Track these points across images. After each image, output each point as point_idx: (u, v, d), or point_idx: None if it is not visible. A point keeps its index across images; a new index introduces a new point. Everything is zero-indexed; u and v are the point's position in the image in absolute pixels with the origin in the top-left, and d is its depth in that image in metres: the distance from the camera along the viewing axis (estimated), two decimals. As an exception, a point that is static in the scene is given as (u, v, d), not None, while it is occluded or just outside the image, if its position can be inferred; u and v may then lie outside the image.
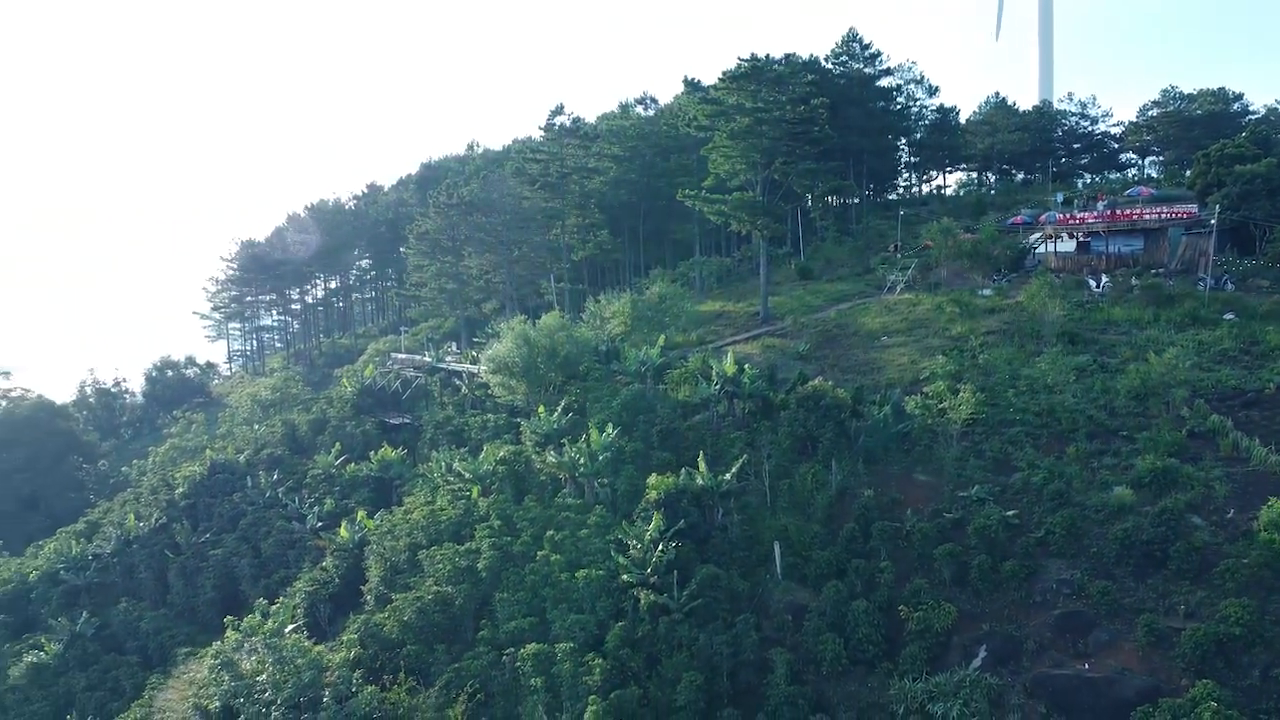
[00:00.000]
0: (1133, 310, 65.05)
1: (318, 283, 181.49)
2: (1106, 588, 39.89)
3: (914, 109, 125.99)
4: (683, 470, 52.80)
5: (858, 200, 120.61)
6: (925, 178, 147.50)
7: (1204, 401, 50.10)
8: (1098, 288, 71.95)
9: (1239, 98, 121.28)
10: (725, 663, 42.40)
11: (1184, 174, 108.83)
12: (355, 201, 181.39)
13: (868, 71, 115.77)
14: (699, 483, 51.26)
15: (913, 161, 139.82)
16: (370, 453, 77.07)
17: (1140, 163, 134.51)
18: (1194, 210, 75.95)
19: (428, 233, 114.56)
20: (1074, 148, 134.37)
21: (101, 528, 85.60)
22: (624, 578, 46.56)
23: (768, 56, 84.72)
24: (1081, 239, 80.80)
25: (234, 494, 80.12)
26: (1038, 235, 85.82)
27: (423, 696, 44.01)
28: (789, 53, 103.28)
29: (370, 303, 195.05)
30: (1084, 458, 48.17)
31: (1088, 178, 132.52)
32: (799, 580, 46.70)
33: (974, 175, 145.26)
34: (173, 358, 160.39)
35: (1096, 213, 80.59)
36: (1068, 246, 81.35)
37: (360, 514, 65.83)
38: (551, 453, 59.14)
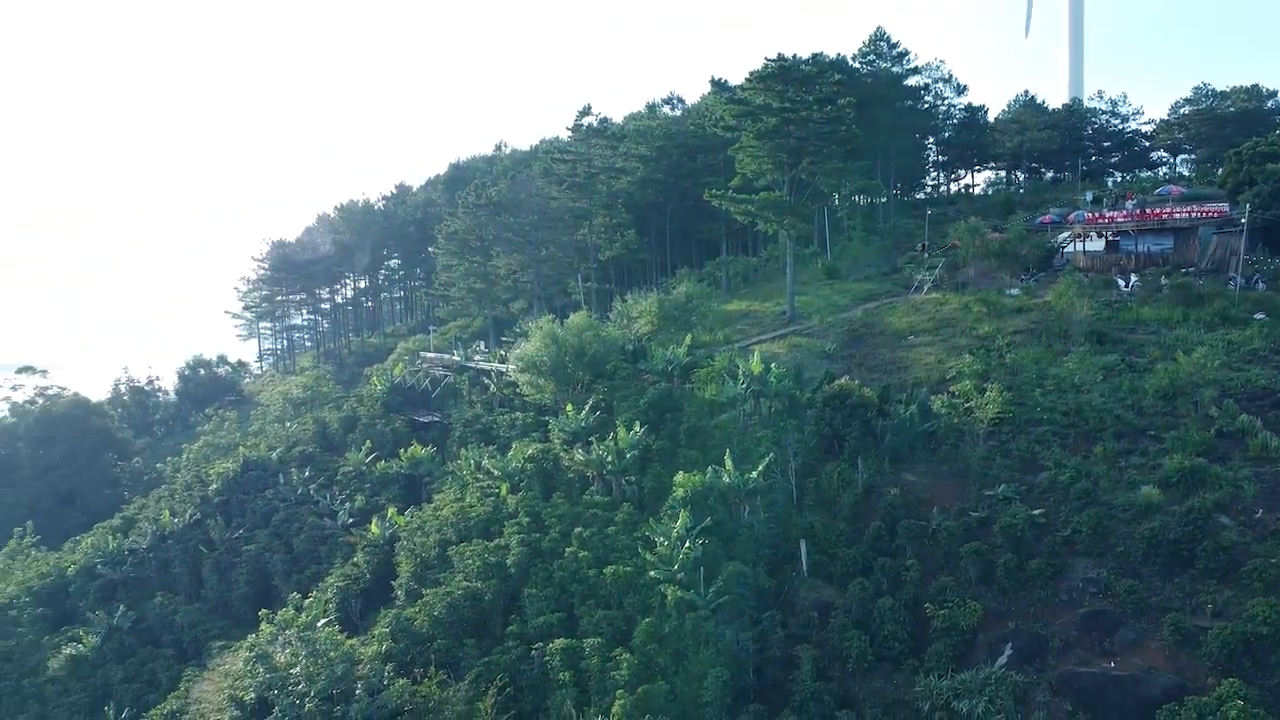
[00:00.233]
0: (1162, 310, 64.74)
1: (347, 282, 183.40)
2: (1133, 586, 39.90)
3: (942, 108, 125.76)
4: (709, 468, 53.17)
5: (885, 199, 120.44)
6: (953, 177, 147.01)
7: (1233, 401, 49.87)
8: (1126, 287, 71.64)
9: (1273, 95, 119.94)
10: (751, 659, 42.77)
11: (1216, 172, 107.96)
12: (384, 202, 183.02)
13: (895, 71, 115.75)
14: (725, 481, 51.63)
15: (941, 160, 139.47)
16: (400, 450, 77.99)
17: (1172, 161, 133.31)
18: (1225, 209, 75.41)
19: (456, 233, 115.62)
20: (1104, 146, 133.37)
21: (137, 523, 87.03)
22: (651, 574, 47.02)
23: (795, 56, 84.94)
24: (1110, 238, 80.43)
25: (266, 491, 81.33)
26: (1066, 234, 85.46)
27: (453, 690, 44.64)
28: (816, 52, 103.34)
29: (399, 302, 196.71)
30: (1111, 457, 48.09)
31: (1118, 176, 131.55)
32: (825, 578, 47.00)
33: (1003, 174, 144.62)
34: (205, 356, 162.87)
35: (1125, 212, 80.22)
36: (1096, 246, 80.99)
37: (390, 511, 66.70)
38: (579, 451, 59.77)
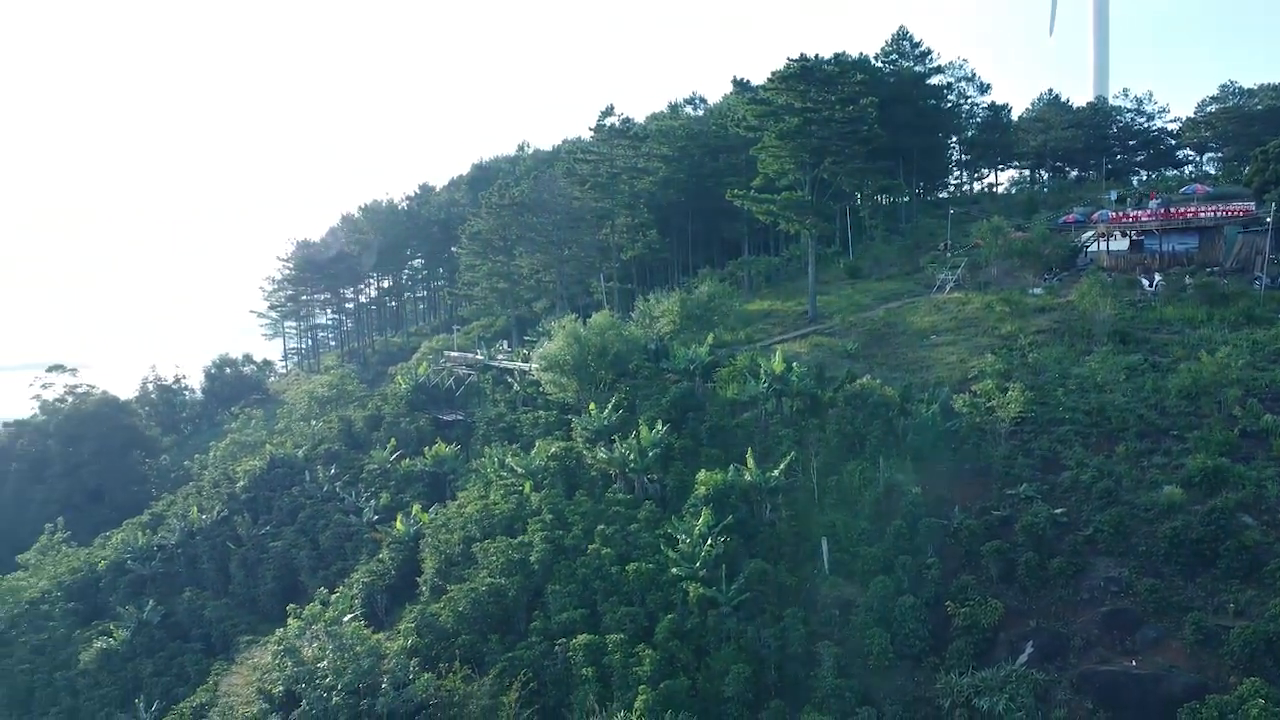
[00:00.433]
0: (1186, 309, 64.46)
1: (371, 282, 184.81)
2: (1155, 586, 39.95)
3: (965, 107, 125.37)
4: (731, 467, 53.59)
5: (907, 199, 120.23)
6: (976, 176, 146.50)
7: (1257, 401, 49.64)
8: (1150, 287, 71.35)
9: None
10: (773, 655, 43.09)
11: (1242, 171, 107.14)
12: (408, 202, 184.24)
13: (918, 70, 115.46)
14: (747, 479, 51.98)
15: (964, 159, 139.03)
16: (424, 448, 78.69)
17: (1198, 159, 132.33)
18: (1251, 208, 74.89)
19: (480, 233, 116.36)
20: (1129, 144, 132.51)
21: (166, 519, 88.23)
22: (673, 571, 47.45)
23: (817, 57, 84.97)
24: (1135, 237, 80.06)
25: (293, 488, 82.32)
26: (1090, 234, 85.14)
27: (477, 684, 45.18)
28: (839, 52, 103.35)
29: (422, 301, 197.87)
30: (1134, 456, 48.07)
31: (1143, 175, 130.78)
32: (846, 576, 47.22)
33: (1026, 173, 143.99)
34: (231, 355, 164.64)
35: (1150, 211, 79.83)
36: (1121, 245, 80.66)
37: (415, 508, 67.37)
38: (602, 449, 60.22)
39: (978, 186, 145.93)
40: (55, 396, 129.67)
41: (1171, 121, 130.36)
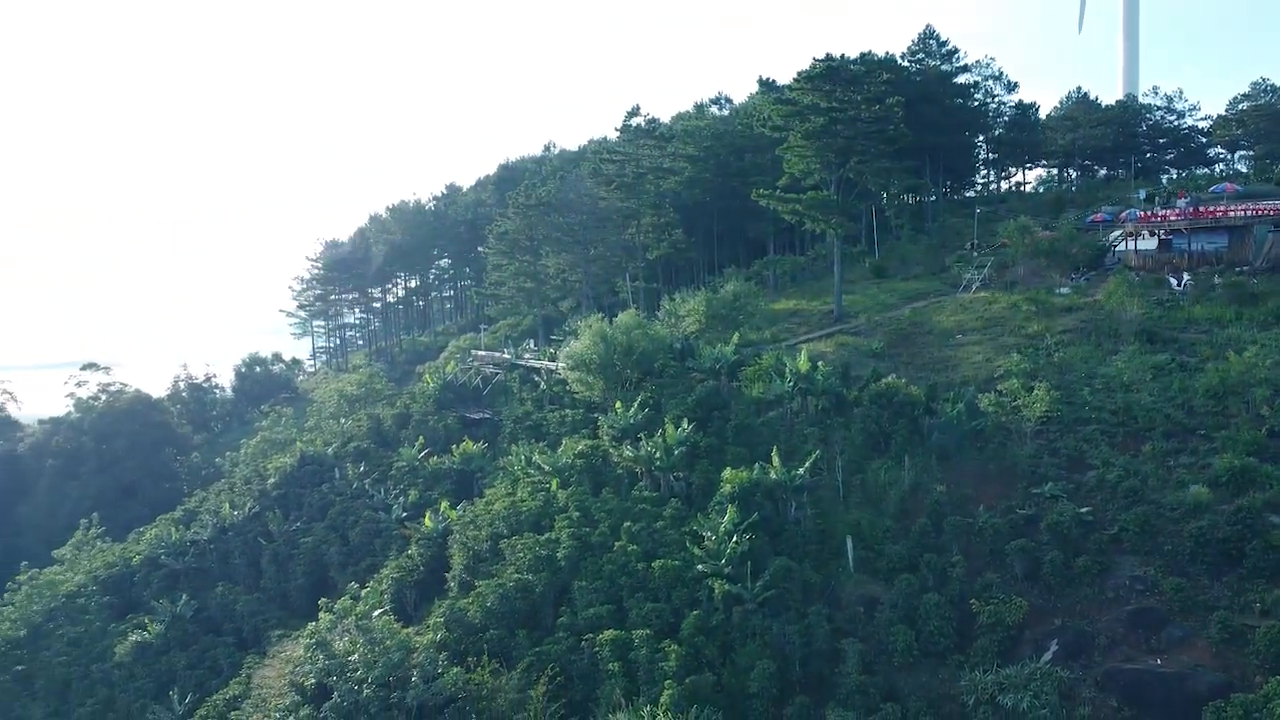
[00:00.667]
0: (1214, 309, 64.18)
1: (398, 281, 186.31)
2: (1180, 585, 40.04)
3: (992, 105, 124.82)
4: (756, 465, 53.92)
5: (934, 198, 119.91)
6: (1004, 174, 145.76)
7: (1286, 401, 49.54)
8: (1179, 286, 71.02)
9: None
10: (797, 652, 43.44)
11: (1275, 169, 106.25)
12: (435, 202, 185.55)
13: (945, 69, 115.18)
14: (773, 477, 52.31)
15: (991, 158, 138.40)
16: (452, 446, 79.48)
17: (1229, 158, 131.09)
18: (1281, 207, 74.42)
19: (507, 233, 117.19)
20: (1159, 143, 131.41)
21: (198, 516, 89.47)
22: (699, 568, 47.88)
23: (843, 56, 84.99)
24: (1163, 236, 79.62)
25: (323, 485, 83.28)
26: (1118, 233, 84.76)
27: (505, 678, 45.81)
28: (864, 52, 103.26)
29: (449, 301, 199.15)
30: (1160, 456, 48.10)
31: (1173, 173, 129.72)
32: (870, 573, 47.53)
33: (1054, 172, 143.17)
34: (260, 354, 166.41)
35: (1179, 210, 79.40)
36: (1149, 244, 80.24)
37: (443, 505, 68.07)
38: (628, 447, 60.68)
39: (1005, 185, 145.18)
40: (89, 394, 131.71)
41: (1202, 119, 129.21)
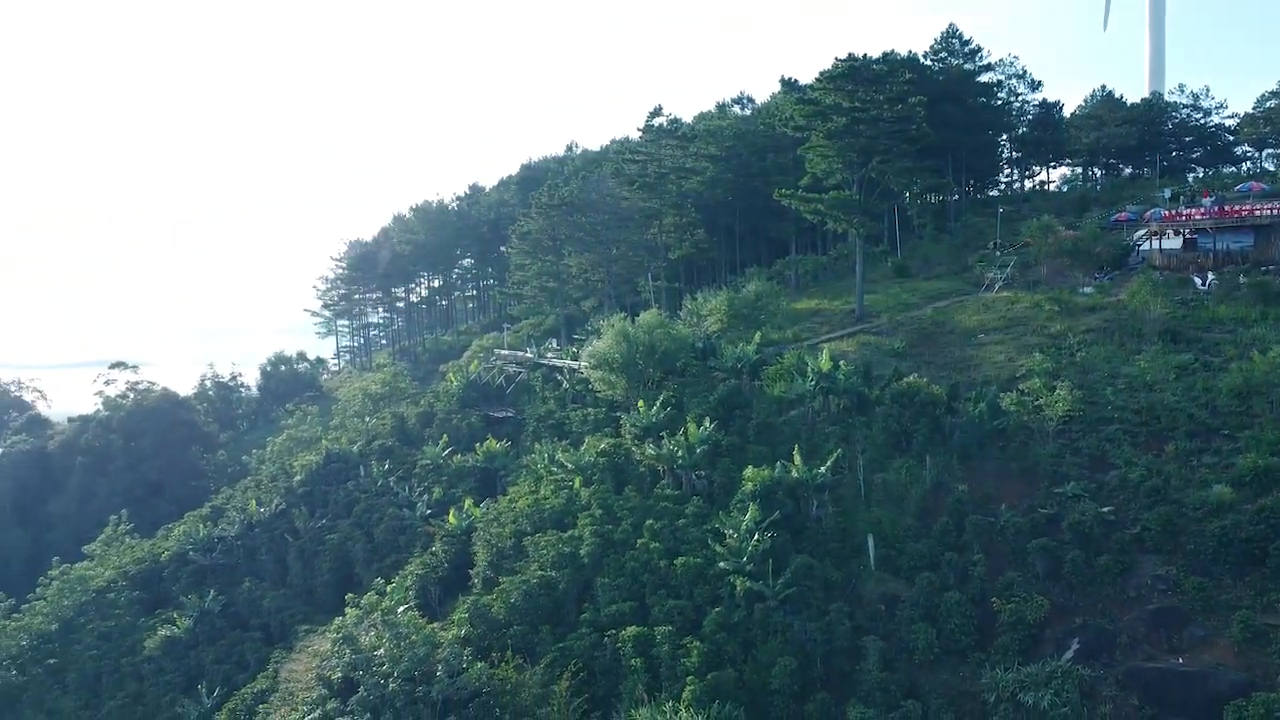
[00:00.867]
0: (1239, 308, 63.78)
1: (422, 281, 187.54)
2: (1203, 584, 40.02)
3: (1015, 104, 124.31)
4: (778, 463, 54.17)
5: (956, 197, 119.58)
6: (1027, 173, 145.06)
7: (1311, 400, 49.32)
8: (1203, 285, 70.65)
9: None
10: (818, 649, 43.73)
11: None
12: (458, 202, 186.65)
13: (967, 68, 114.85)
14: (794, 475, 52.57)
15: (1014, 157, 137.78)
16: (476, 444, 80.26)
17: (1256, 156, 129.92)
18: (1309, 205, 73.87)
19: (530, 233, 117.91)
20: (1185, 141, 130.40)
21: (225, 512, 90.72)
22: (720, 565, 48.23)
23: (865, 56, 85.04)
24: (1188, 236, 79.24)
25: (348, 482, 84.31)
26: (1142, 232, 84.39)
27: (529, 674, 46.37)
28: (887, 51, 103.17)
29: (472, 300, 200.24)
30: (1183, 456, 47.96)
31: (1199, 172, 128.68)
32: (892, 571, 47.73)
33: (1078, 170, 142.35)
34: (285, 353, 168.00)
35: (1204, 209, 78.99)
36: (1174, 244, 79.84)
37: (467, 502, 68.82)
38: (650, 445, 61.11)
39: (1029, 184, 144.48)
40: (117, 393, 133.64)
41: (1229, 117, 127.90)
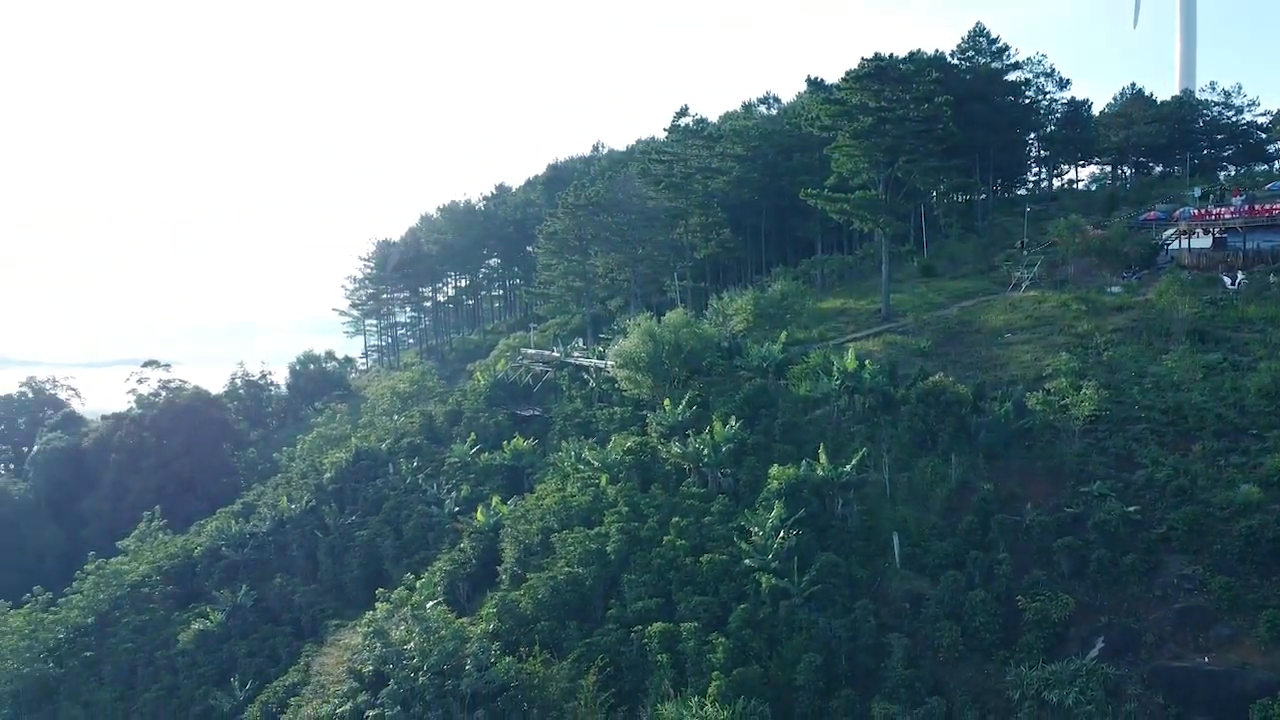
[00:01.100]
0: (1268, 308, 63.37)
1: (449, 281, 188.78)
2: (1229, 583, 40.06)
3: (1043, 103, 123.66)
4: (803, 462, 54.49)
5: (983, 196, 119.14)
6: (1056, 172, 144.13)
7: (1340, 400, 49.11)
8: (1232, 285, 70.20)
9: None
10: (843, 646, 44.08)
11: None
12: (485, 202, 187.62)
13: (995, 66, 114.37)
14: (819, 474, 52.89)
15: (1042, 156, 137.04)
16: (503, 443, 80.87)
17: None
18: (1340, 204, 73.30)
19: (556, 233, 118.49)
20: (1216, 139, 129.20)
21: (257, 509, 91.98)
22: (746, 562, 48.65)
23: (891, 56, 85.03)
24: (1218, 235, 78.74)
25: (377, 480, 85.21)
26: (1171, 231, 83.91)
27: (556, 668, 47.01)
28: (914, 50, 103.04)
29: (498, 300, 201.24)
30: (1211, 455, 47.92)
31: (1231, 170, 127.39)
32: (917, 570, 47.97)
33: (1108, 169, 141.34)
34: (314, 352, 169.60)
35: (1234, 208, 78.49)
36: (1203, 243, 79.36)
37: (495, 500, 69.52)
38: (676, 444, 61.57)
39: (1057, 183, 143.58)
40: (150, 391, 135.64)
41: (1261, 115, 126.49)
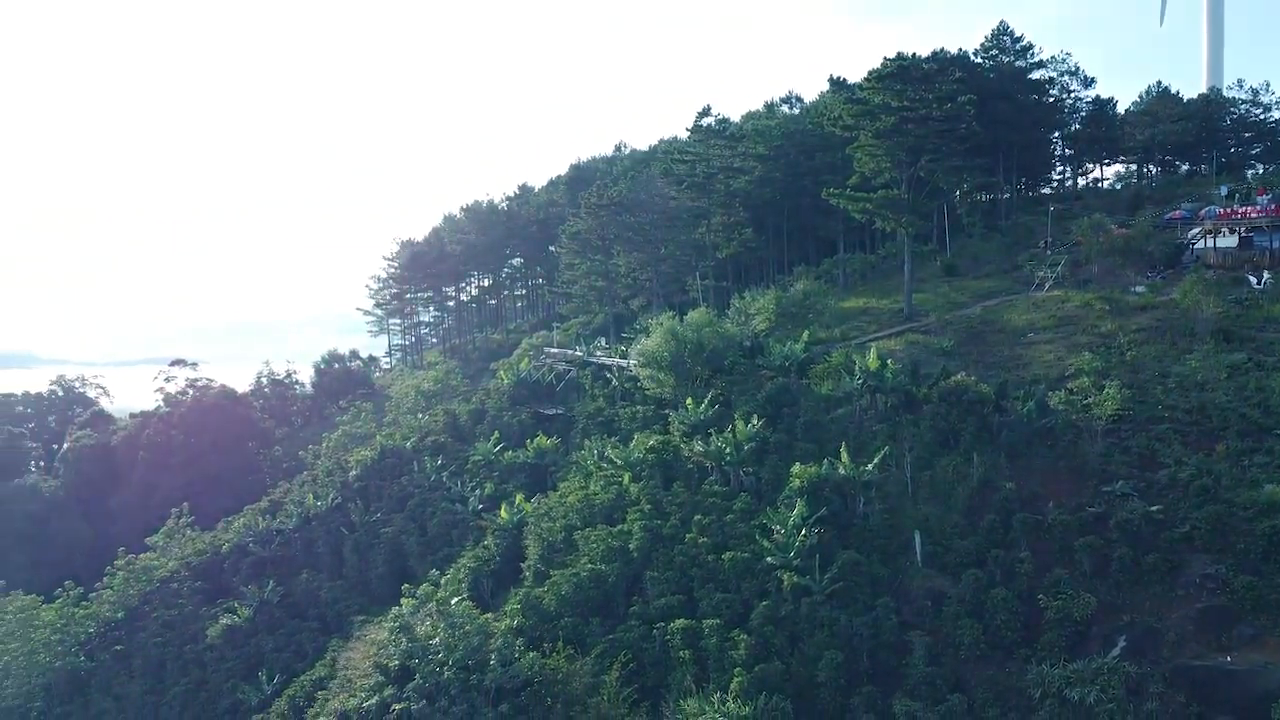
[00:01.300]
0: (1294, 307, 63.18)
1: (472, 280, 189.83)
2: (1252, 583, 40.03)
3: (1068, 101, 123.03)
4: (825, 460, 54.73)
5: (1007, 195, 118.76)
6: (1080, 171, 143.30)
7: (1367, 400, 48.87)
8: (1259, 284, 69.82)
9: None
10: (865, 643, 44.36)
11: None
12: (508, 202, 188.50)
13: (1019, 65, 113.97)
14: (841, 472, 53.13)
15: (1067, 154, 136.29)
16: (526, 441, 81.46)
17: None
18: (1369, 202, 72.68)
19: (579, 232, 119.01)
20: (1244, 137, 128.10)
21: (283, 506, 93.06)
22: (768, 560, 48.99)
23: (914, 55, 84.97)
24: (1244, 234, 78.28)
25: (402, 477, 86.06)
26: (1196, 230, 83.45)
27: (579, 664, 47.54)
28: (937, 49, 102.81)
29: (521, 300, 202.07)
30: (1234, 455, 47.83)
31: (1259, 168, 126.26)
32: (938, 568, 48.16)
33: (1133, 168, 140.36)
34: (339, 351, 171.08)
35: (1259, 207, 77.99)
36: (1229, 242, 78.92)
37: (518, 497, 70.13)
38: (698, 442, 61.92)
39: (1081, 182, 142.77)
40: (177, 389, 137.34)
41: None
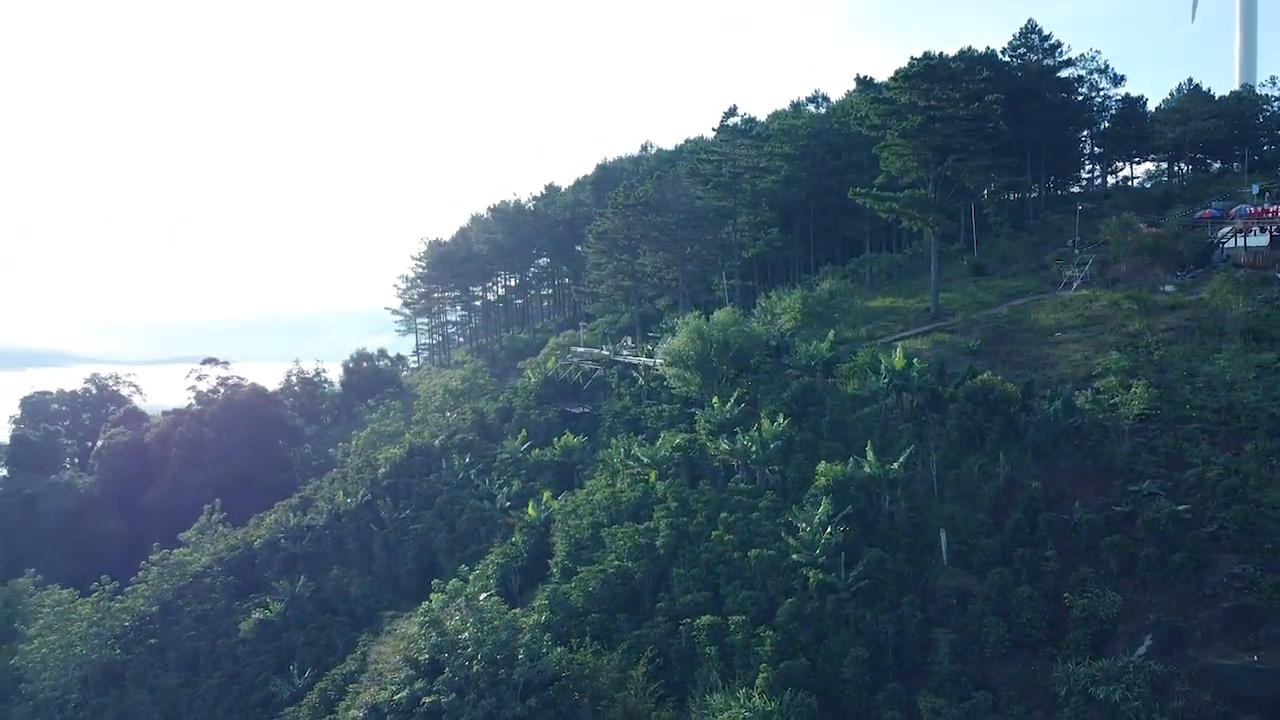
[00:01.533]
0: (1326, 307, 62.69)
1: (498, 280, 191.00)
2: (1280, 583, 39.96)
3: (1097, 99, 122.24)
4: (851, 459, 54.96)
5: (1035, 194, 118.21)
6: (1110, 169, 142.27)
7: (1398, 400, 48.55)
8: (1290, 283, 69.32)
9: None
10: (890, 640, 44.64)
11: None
12: (534, 202, 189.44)
13: (1047, 63, 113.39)
14: (867, 471, 53.35)
15: (1096, 153, 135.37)
16: (553, 439, 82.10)
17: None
18: (1402, 201, 71.96)
19: (605, 232, 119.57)
20: (1277, 134, 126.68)
21: (314, 503, 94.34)
22: (793, 557, 49.30)
23: (941, 54, 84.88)
24: (1275, 233, 77.67)
25: (430, 475, 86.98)
26: (1226, 229, 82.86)
27: (606, 659, 48.10)
28: (963, 48, 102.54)
29: (547, 299, 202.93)
30: (1263, 455, 47.68)
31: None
32: (964, 566, 48.32)
33: (1163, 166, 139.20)
34: (367, 350, 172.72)
35: (1292, 205, 77.38)
36: (1260, 240, 78.31)
37: (545, 495, 70.80)
38: (724, 441, 62.25)
39: (1111, 181, 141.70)
40: (209, 388, 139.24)
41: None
